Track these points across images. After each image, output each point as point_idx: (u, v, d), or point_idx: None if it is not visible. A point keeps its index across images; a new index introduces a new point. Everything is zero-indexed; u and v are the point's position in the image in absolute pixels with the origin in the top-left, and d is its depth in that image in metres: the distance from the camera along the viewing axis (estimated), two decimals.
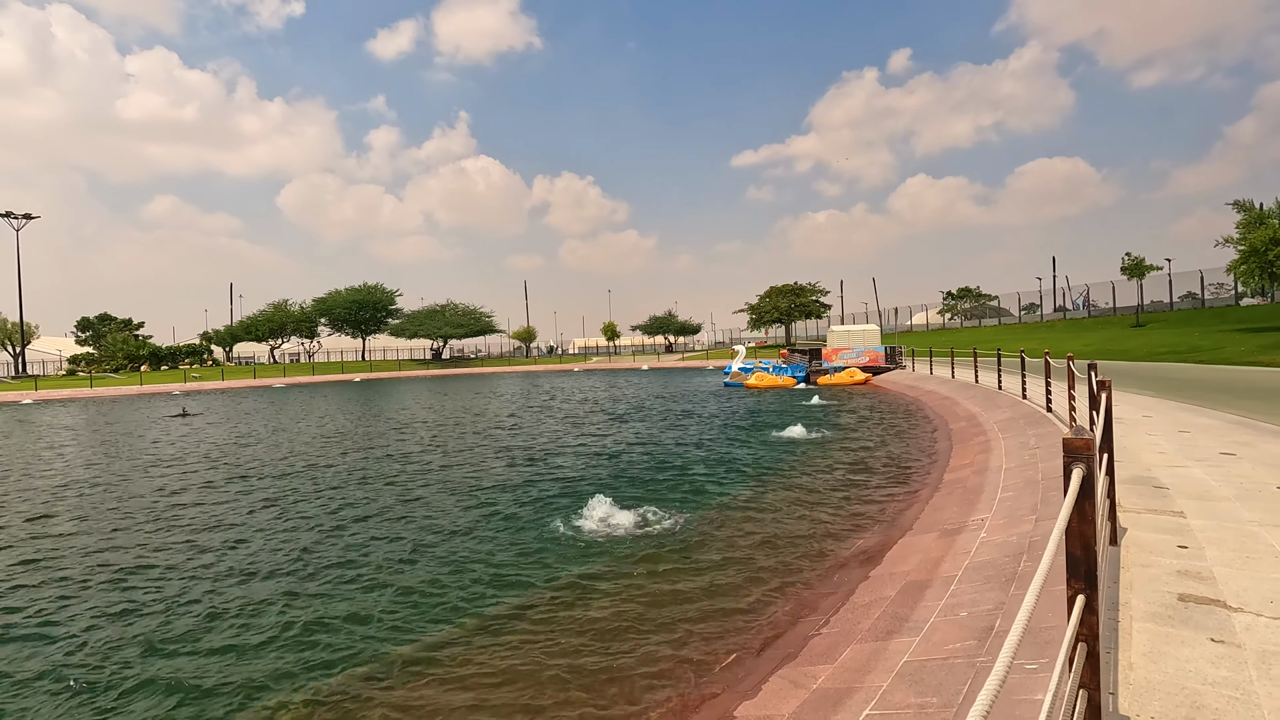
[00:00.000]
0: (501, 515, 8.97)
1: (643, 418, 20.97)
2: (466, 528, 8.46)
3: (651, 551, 7.01)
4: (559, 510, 8.98)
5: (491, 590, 6.32)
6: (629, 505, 8.99)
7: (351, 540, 8.17)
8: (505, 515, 8.97)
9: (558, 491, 10.26)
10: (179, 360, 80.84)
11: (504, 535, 8.04)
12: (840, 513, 8.13)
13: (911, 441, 13.59)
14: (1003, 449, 10.08)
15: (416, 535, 8.23)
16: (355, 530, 8.62)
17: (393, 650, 5.19)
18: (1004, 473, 8.31)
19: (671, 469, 11.71)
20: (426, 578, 6.73)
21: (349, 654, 5.14)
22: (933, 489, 8.81)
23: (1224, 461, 7.34)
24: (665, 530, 7.77)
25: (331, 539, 8.26)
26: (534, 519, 8.67)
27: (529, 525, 8.39)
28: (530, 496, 9.97)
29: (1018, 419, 12.47)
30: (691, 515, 8.43)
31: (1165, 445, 8.44)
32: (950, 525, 6.52)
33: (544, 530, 8.09)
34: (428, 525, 8.70)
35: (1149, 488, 6.20)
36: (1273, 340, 29.61)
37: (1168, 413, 11.68)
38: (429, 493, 10.71)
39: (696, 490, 9.87)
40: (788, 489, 9.64)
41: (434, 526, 8.64)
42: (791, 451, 13.09)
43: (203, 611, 6.08)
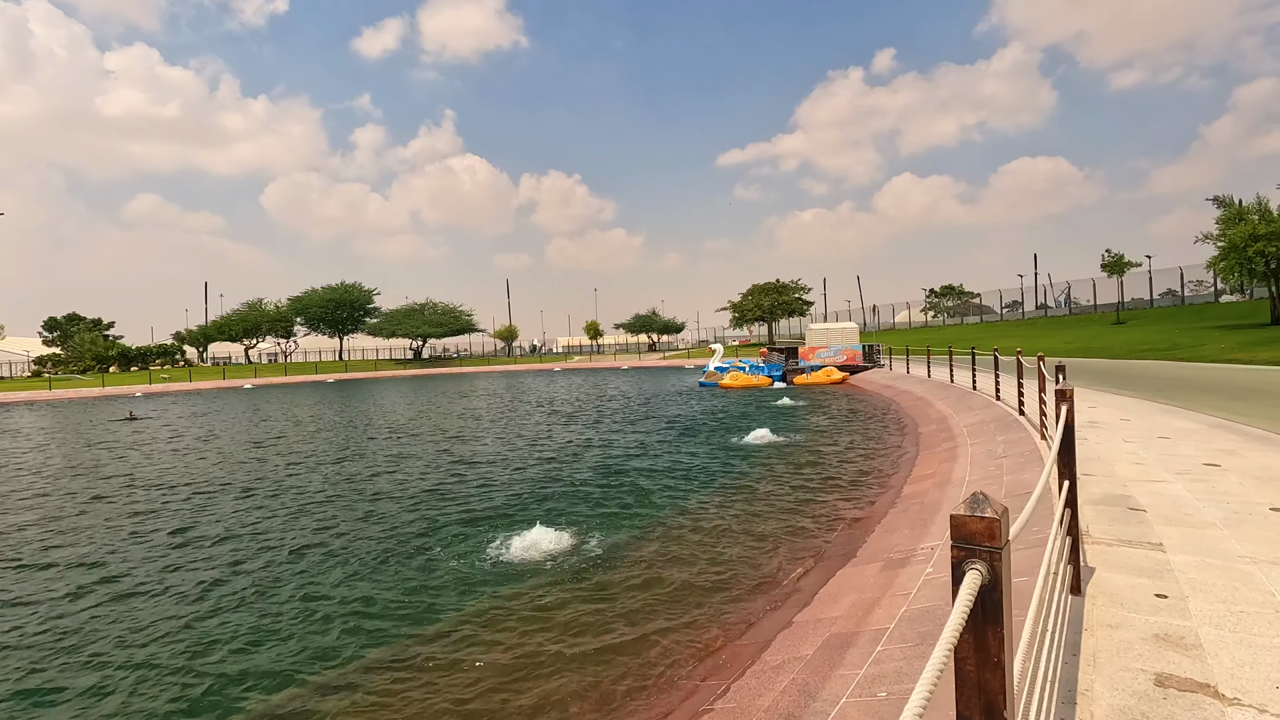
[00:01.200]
0: (410, 537, 7.96)
1: (601, 421, 20.01)
2: (356, 555, 7.45)
3: (554, 588, 6.02)
4: (470, 533, 7.98)
5: (355, 637, 5.35)
6: (554, 523, 8.03)
7: (219, 574, 7.15)
8: (416, 536, 7.96)
9: (480, 509, 9.26)
10: (150, 361, 78.80)
11: (397, 566, 7.02)
12: (784, 534, 7.22)
13: (877, 447, 12.74)
14: (969, 457, 9.23)
15: (300, 567, 7.22)
16: (230, 558, 7.60)
17: (260, 701, 4.28)
18: (965, 486, 7.45)
19: (616, 480, 10.75)
20: (297, 617, 5.75)
21: (213, 702, 4.25)
22: (889, 503, 7.94)
23: (1208, 475, 6.52)
24: (583, 558, 6.82)
25: (196, 569, 7.24)
26: (440, 544, 7.66)
27: (429, 552, 7.38)
28: (448, 515, 8.95)
29: (988, 422, 11.65)
30: (620, 537, 7.49)
31: (1144, 454, 7.62)
32: (898, 553, 5.63)
33: (440, 559, 7.08)
34: (321, 552, 7.68)
35: (1123, 510, 5.34)
36: (1251, 337, 29.22)
37: (1147, 415, 10.91)
38: (332, 511, 9.66)
39: (635, 506, 8.90)
40: (734, 503, 8.72)
41: (326, 554, 7.63)
42: (749, 458, 12.19)
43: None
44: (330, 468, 13.31)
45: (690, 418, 19.47)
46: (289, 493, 11.09)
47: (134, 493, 11.43)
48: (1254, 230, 32.02)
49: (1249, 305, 44.10)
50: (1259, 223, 32.77)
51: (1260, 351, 25.06)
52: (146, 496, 11.09)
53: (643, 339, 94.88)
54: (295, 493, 11.06)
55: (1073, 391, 3.58)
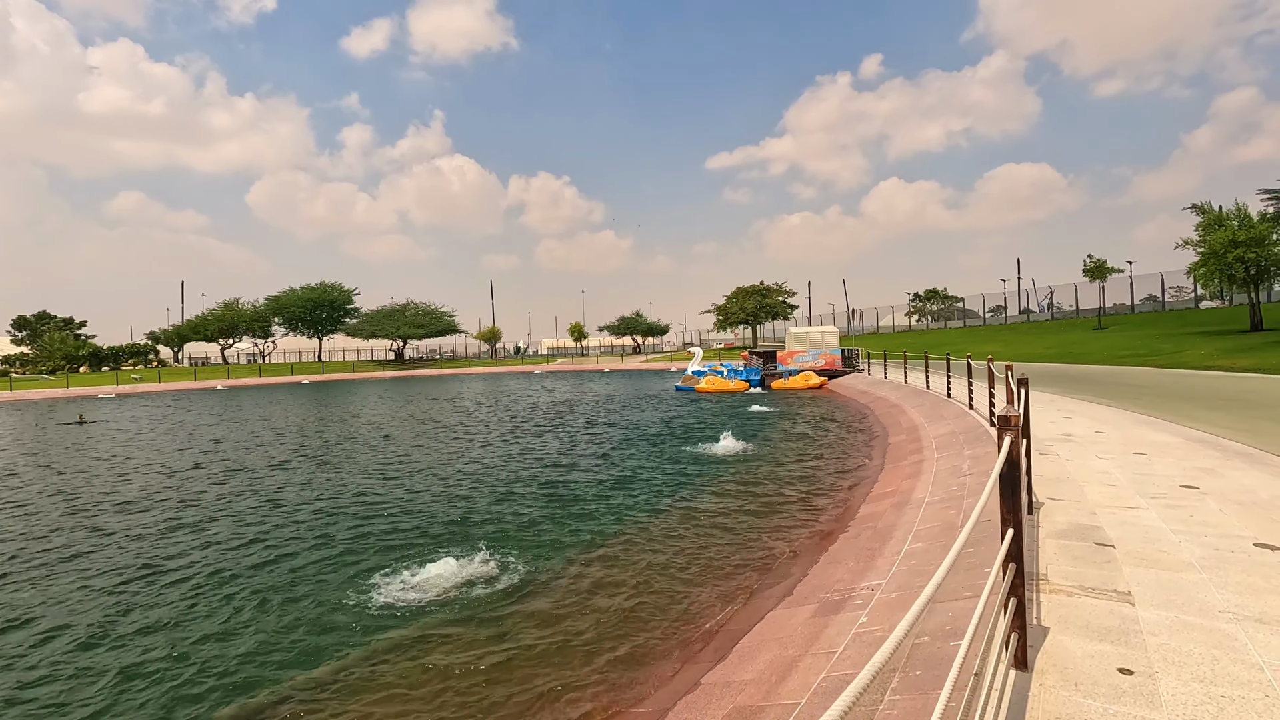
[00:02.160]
0: (297, 570, 7.07)
1: (560, 428, 19.22)
2: (230, 587, 6.61)
3: (434, 636, 5.22)
4: (372, 563, 7.09)
5: (220, 692, 4.56)
6: (471, 548, 7.26)
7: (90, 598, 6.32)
8: (302, 569, 7.08)
9: (395, 531, 8.42)
10: (122, 361, 77.02)
11: (255, 611, 6.03)
12: (721, 563, 6.49)
13: (842, 459, 12.06)
14: (933, 473, 8.57)
15: (178, 597, 6.40)
16: (103, 578, 6.77)
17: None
18: (924, 508, 6.77)
19: (556, 495, 9.93)
20: (161, 665, 4.95)
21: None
22: (842, 526, 7.25)
23: (1185, 499, 5.88)
24: (482, 595, 6.01)
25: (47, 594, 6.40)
26: (324, 578, 6.72)
27: (307, 588, 6.47)
28: (354, 539, 8.03)
29: (958, 434, 11.02)
30: (535, 568, 6.69)
31: (1117, 474, 6.98)
32: (835, 592, 4.93)
33: (315, 599, 6.20)
34: (189, 583, 6.82)
35: (1090, 545, 4.67)
36: (1232, 344, 28.98)
37: (1124, 427, 10.32)
38: (227, 531, 8.81)
39: (566, 528, 8.08)
40: (675, 527, 7.95)
41: (218, 578, 6.82)
42: (706, 472, 11.46)
43: None
44: (255, 480, 12.42)
45: (656, 425, 18.73)
46: (194, 507, 10.29)
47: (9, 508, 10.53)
48: (1233, 236, 31.84)
49: (1228, 311, 44.13)
50: (1238, 229, 32.61)
51: (1240, 358, 24.77)
52: (24, 512, 10.20)
53: (627, 341, 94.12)
54: (200, 508, 10.24)
55: (1018, 419, 2.89)
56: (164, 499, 10.93)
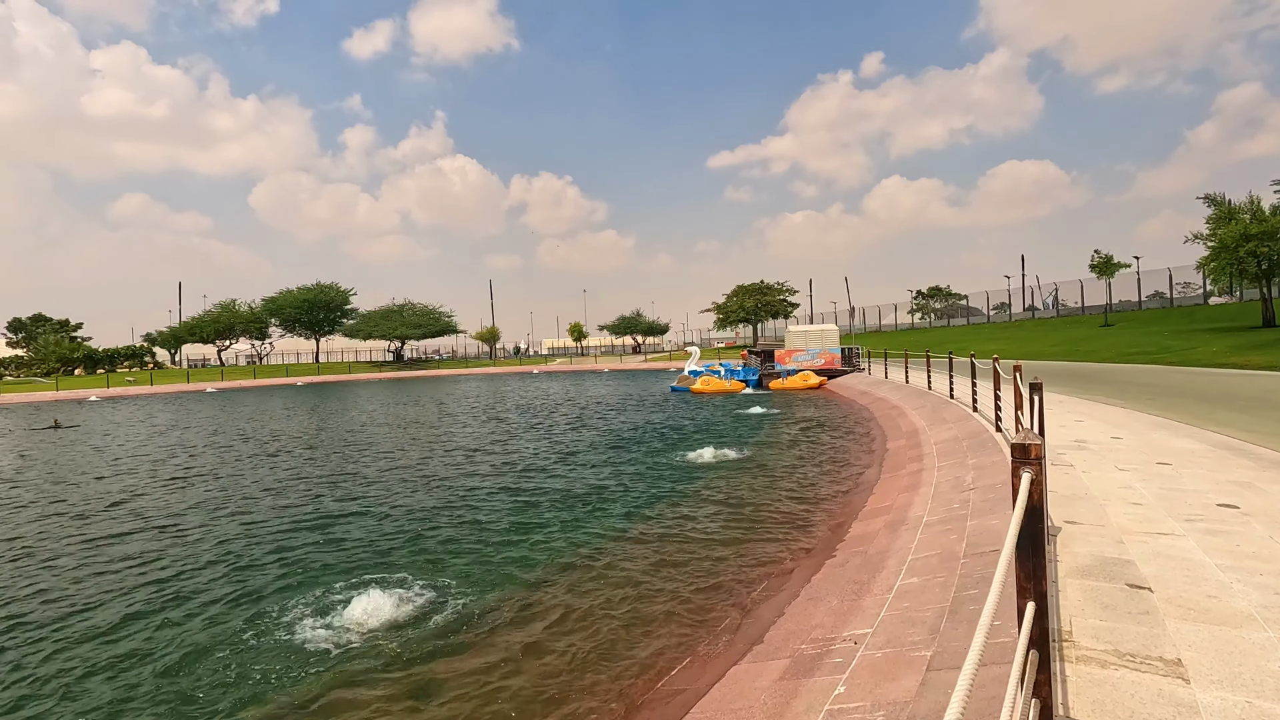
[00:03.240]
0: (210, 600, 6.23)
1: (542, 432, 18.39)
2: (125, 620, 5.81)
3: (350, 697, 4.41)
4: (293, 594, 6.22)
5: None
6: (406, 581, 6.43)
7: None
8: (219, 599, 6.23)
9: (334, 553, 7.58)
10: (117, 363, 76.48)
11: (137, 662, 5.19)
12: (685, 598, 5.62)
13: (836, 468, 11.19)
14: (933, 485, 7.72)
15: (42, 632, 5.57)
16: None
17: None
18: (921, 530, 5.93)
19: (519, 511, 8.99)
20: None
21: None
22: (829, 550, 6.40)
23: (1226, 522, 5.03)
24: (412, 637, 5.19)
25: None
26: (229, 616, 5.85)
27: (216, 626, 5.62)
28: (283, 564, 7.11)
29: (961, 440, 10.17)
30: (477, 603, 5.83)
31: (1142, 489, 6.13)
32: (812, 644, 4.09)
33: (229, 637, 5.42)
34: (78, 618, 6.03)
35: (1121, 589, 3.82)
36: (1244, 340, 28.03)
37: (1142, 432, 9.46)
38: (147, 546, 8.01)
39: (521, 552, 7.13)
40: (642, 551, 7.02)
41: (88, 621, 6.00)
42: (687, 483, 10.59)
43: None
44: (196, 491, 11.57)
45: (643, 429, 17.87)
46: (128, 520, 9.51)
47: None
48: (1246, 230, 30.85)
49: (1239, 307, 43.09)
50: (1250, 222, 31.63)
51: (1254, 355, 23.84)
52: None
53: (627, 341, 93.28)
54: (136, 520, 9.47)
55: (1039, 449, 2.04)
56: (81, 512, 10.15)
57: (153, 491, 11.75)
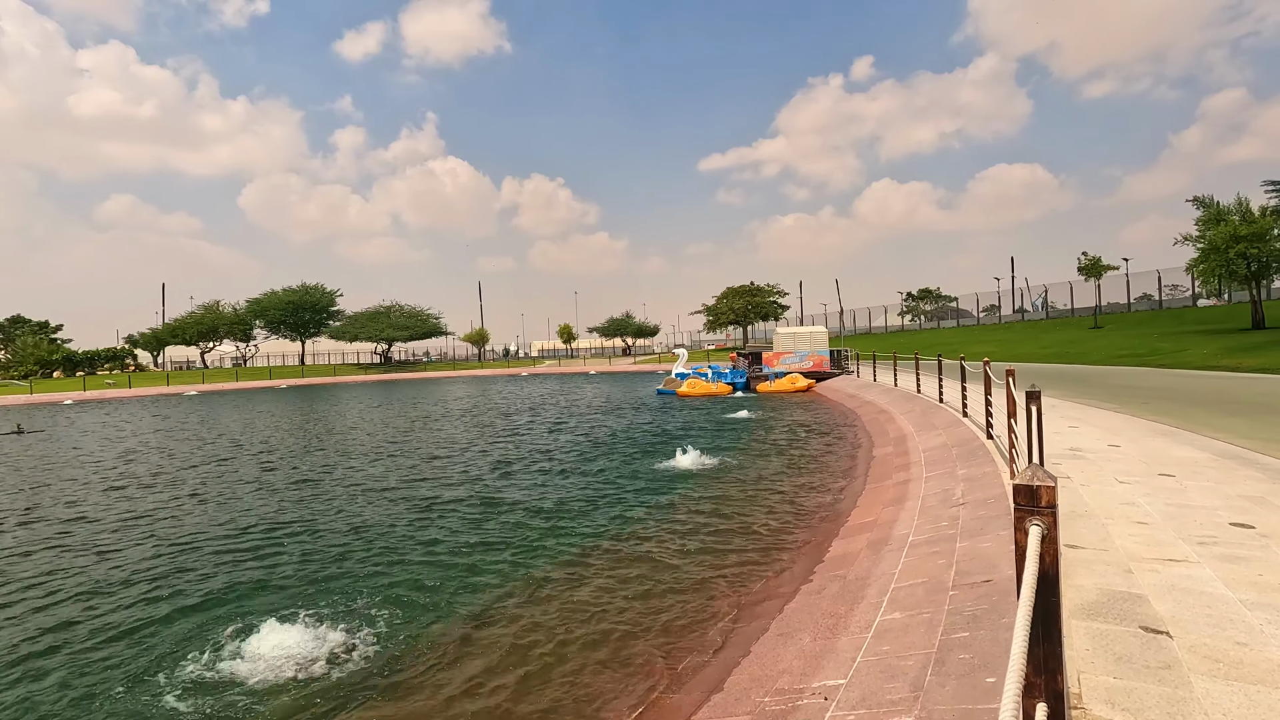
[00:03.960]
0: (107, 631, 5.60)
1: (515, 436, 17.76)
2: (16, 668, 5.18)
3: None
4: (181, 630, 5.63)
5: None
6: (331, 611, 5.82)
7: None
8: (116, 630, 5.62)
9: (249, 578, 6.93)
10: (98, 366, 75.13)
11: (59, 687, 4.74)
12: (640, 634, 4.97)
13: (820, 477, 10.61)
14: (920, 499, 7.18)
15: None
16: None
17: None
18: (907, 552, 5.38)
19: (472, 527, 8.36)
20: None
21: None
22: (805, 574, 5.83)
23: (1244, 545, 4.51)
24: (329, 683, 4.59)
25: None
26: (137, 647, 5.29)
27: (111, 663, 5.05)
28: (184, 591, 6.43)
29: (951, 447, 9.65)
30: (409, 639, 5.22)
31: (1146, 506, 5.61)
32: (777, 697, 3.52)
33: (124, 675, 4.82)
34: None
35: (1135, 633, 3.27)
36: (1235, 342, 27.80)
37: (1139, 438, 8.97)
38: (57, 564, 7.36)
39: (462, 577, 6.47)
40: (604, 577, 6.33)
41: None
42: (663, 493, 9.97)
43: None
44: (136, 503, 10.88)
45: (622, 434, 17.27)
46: (45, 531, 8.87)
47: None
48: (1235, 231, 30.63)
49: (1228, 309, 43.02)
50: (1240, 223, 31.41)
51: (1246, 358, 23.57)
52: None
53: (617, 343, 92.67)
54: (53, 532, 8.82)
55: (1052, 492, 1.48)
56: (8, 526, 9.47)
57: (89, 499, 11.07)
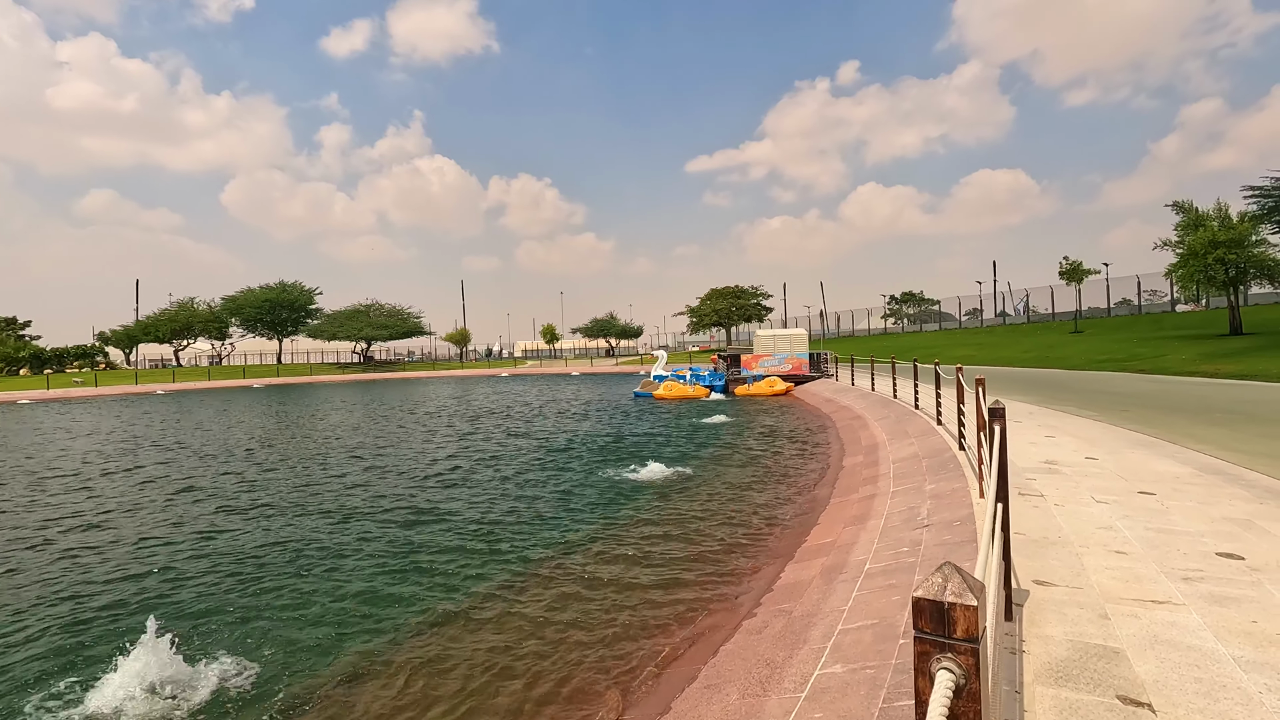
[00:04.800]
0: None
1: (476, 440, 17.07)
2: None
3: None
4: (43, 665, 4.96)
5: None
6: (202, 647, 5.14)
7: None
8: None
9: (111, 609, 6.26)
10: (67, 363, 73.17)
11: None
12: (554, 688, 4.34)
13: (784, 492, 9.96)
14: (883, 517, 6.62)
15: None
16: None
17: None
18: (861, 583, 4.80)
19: (393, 550, 7.63)
20: None
21: None
22: (750, 604, 5.23)
23: (1234, 580, 3.97)
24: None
25: None
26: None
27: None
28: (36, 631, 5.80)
29: (921, 458, 9.12)
30: (297, 681, 4.59)
31: (1125, 530, 5.07)
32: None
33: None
34: None
35: (1109, 704, 2.69)
36: (1213, 348, 27.72)
37: (1118, 450, 8.49)
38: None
39: (374, 609, 5.83)
40: (530, 609, 5.57)
41: None
42: (616, 507, 9.29)
43: None
44: (29, 516, 10.10)
45: (589, 439, 16.61)
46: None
47: None
48: (1214, 236, 30.59)
49: (1206, 315, 43.24)
50: (1219, 229, 31.38)
51: (1224, 363, 23.42)
52: None
53: (601, 344, 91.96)
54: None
55: (973, 617, 0.86)
56: None
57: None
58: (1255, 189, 30.24)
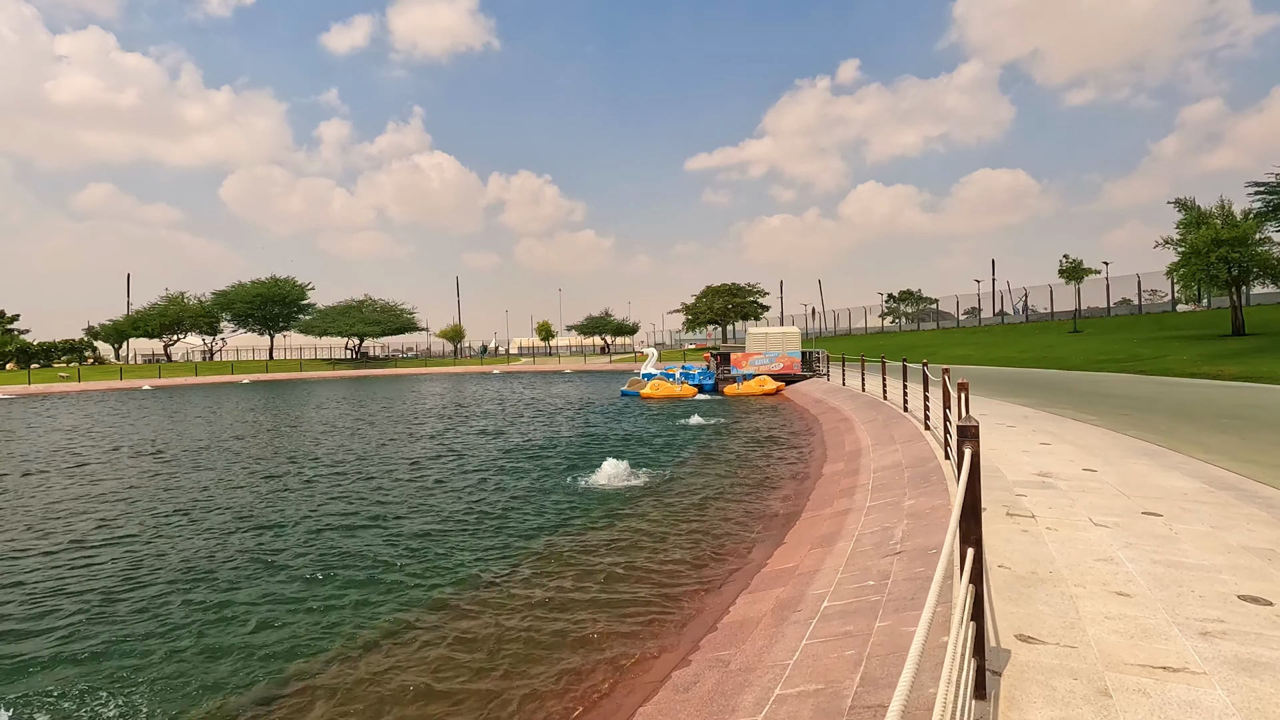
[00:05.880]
0: None
1: (442, 441, 16.28)
2: None
3: None
4: None
5: None
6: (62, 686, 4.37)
7: None
8: None
9: None
10: (54, 358, 72.33)
11: None
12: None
13: (755, 504, 9.09)
14: (853, 540, 5.85)
15: None
16: None
17: None
18: (814, 626, 4.03)
19: (310, 569, 6.79)
20: None
21: None
22: (679, 657, 4.45)
23: (1264, 635, 3.20)
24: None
25: None
26: None
27: None
28: None
29: (903, 468, 8.35)
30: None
31: (1129, 563, 4.30)
32: None
33: None
34: None
35: None
36: (1215, 349, 26.96)
37: (1119, 460, 7.72)
38: None
39: (282, 637, 5.12)
40: (419, 662, 4.71)
41: None
42: (571, 518, 8.44)
43: None
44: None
45: (563, 441, 15.80)
46: None
47: None
48: (1217, 235, 29.79)
49: (1207, 315, 42.46)
50: (1222, 228, 30.58)
51: (1227, 365, 22.66)
52: None
53: (596, 341, 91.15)
54: None
55: None
56: None
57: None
58: (1261, 185, 29.45)
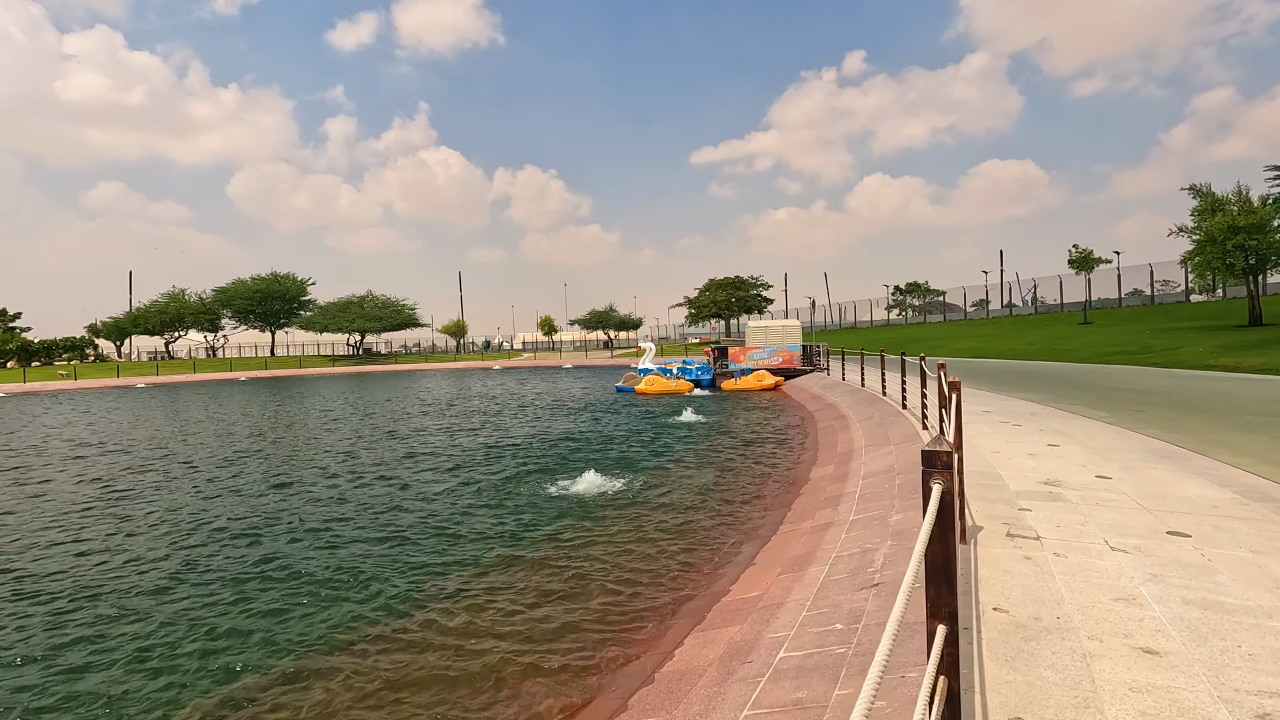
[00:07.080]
0: None
1: (417, 440, 15.58)
2: None
3: None
4: None
5: None
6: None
7: None
8: None
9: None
10: (55, 355, 72.24)
11: None
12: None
13: (730, 514, 8.18)
14: (829, 563, 5.07)
15: None
16: None
17: None
18: (762, 688, 3.25)
19: (244, 585, 6.21)
20: None
21: None
22: (626, 695, 3.68)
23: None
24: None
25: None
26: None
27: None
28: None
29: (894, 473, 7.55)
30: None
31: (1154, 602, 3.48)
32: None
33: None
34: None
35: None
36: (1231, 340, 25.91)
37: (1137, 465, 6.89)
38: None
39: (171, 682, 4.47)
40: (348, 690, 4.24)
41: None
42: (530, 531, 7.68)
43: None
44: None
45: (543, 440, 15.02)
46: None
47: None
48: (1234, 222, 28.64)
49: (1222, 305, 41.22)
50: (1238, 214, 29.42)
51: (1245, 356, 21.64)
52: None
53: (600, 335, 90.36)
54: None
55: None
56: None
57: None
58: (1279, 169, 28.27)
